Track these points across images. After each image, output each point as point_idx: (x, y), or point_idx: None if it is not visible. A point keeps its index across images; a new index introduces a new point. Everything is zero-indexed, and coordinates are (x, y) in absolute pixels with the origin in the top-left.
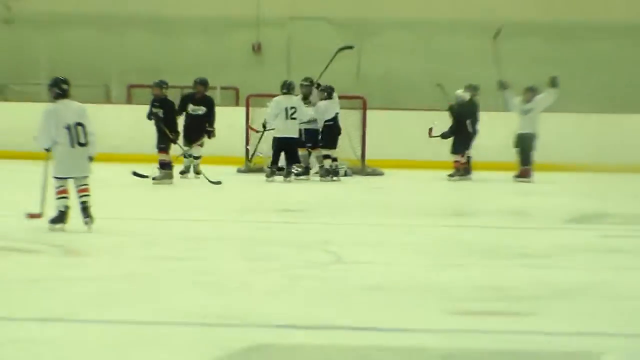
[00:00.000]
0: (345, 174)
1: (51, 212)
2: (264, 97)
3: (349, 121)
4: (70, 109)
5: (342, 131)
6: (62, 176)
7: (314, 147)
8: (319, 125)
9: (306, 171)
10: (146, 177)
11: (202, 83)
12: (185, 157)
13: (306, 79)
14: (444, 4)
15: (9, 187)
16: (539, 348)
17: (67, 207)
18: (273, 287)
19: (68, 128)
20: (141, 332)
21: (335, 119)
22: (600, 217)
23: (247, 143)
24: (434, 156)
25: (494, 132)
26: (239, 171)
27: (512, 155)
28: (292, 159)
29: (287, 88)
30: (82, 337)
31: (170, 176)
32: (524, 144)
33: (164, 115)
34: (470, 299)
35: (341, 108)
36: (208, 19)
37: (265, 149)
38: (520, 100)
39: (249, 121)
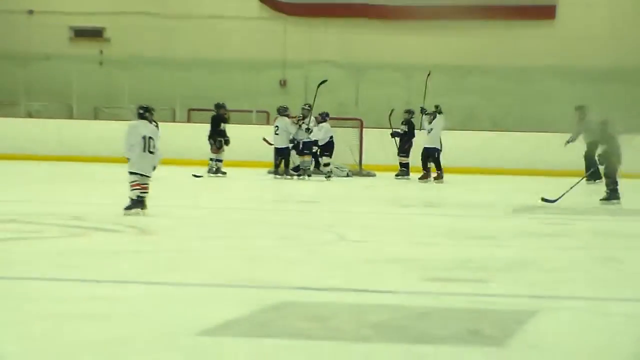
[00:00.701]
0: (347, 175)
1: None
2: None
3: (350, 136)
4: (146, 127)
5: (344, 143)
6: (136, 171)
7: (309, 154)
8: (324, 140)
9: (304, 172)
10: (200, 176)
11: (223, 107)
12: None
13: (307, 104)
14: (420, 52)
15: (104, 183)
16: (491, 307)
17: (139, 197)
18: (294, 259)
19: (143, 138)
20: (193, 291)
21: (332, 136)
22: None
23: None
24: (415, 161)
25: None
26: (269, 172)
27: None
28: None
29: (282, 111)
30: (147, 295)
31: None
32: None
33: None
34: (440, 269)
35: (344, 127)
36: (247, 60)
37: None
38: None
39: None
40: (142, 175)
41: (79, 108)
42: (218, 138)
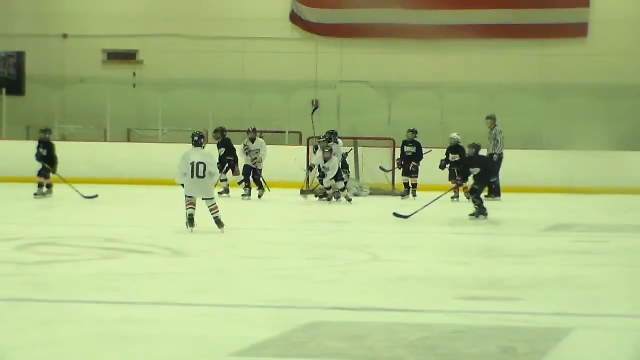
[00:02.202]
0: (370, 194)
1: None
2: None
3: (382, 155)
4: (198, 153)
5: (376, 163)
6: (187, 194)
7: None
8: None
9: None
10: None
11: (220, 131)
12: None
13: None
14: (451, 71)
15: (137, 205)
16: (524, 325)
17: (191, 215)
18: (327, 279)
19: (192, 165)
20: (227, 313)
21: (344, 156)
22: (570, 227)
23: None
24: (442, 181)
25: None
26: (301, 193)
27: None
28: None
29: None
30: (181, 317)
31: None
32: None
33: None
34: (472, 288)
35: (376, 147)
36: (279, 82)
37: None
38: None
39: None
40: (192, 197)
41: (113, 130)
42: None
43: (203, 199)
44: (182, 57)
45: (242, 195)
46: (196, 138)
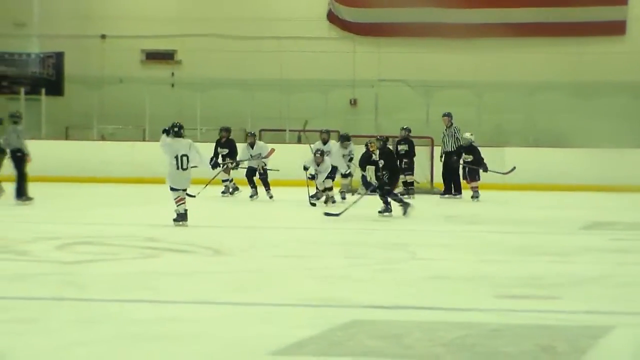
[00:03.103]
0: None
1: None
2: (358, 137)
3: (421, 154)
4: (180, 144)
5: (416, 160)
6: (174, 186)
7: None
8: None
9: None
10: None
11: (226, 130)
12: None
13: (326, 131)
14: (489, 70)
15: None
16: (563, 323)
17: (186, 211)
18: (365, 278)
19: (177, 157)
20: (266, 311)
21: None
22: (607, 225)
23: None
24: (482, 179)
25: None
26: (341, 192)
27: None
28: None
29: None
30: (220, 316)
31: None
32: None
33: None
34: (510, 286)
35: (416, 145)
36: (317, 81)
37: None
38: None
39: None
40: (180, 190)
41: (151, 130)
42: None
43: (183, 190)
44: (220, 57)
45: (250, 196)
46: (176, 129)
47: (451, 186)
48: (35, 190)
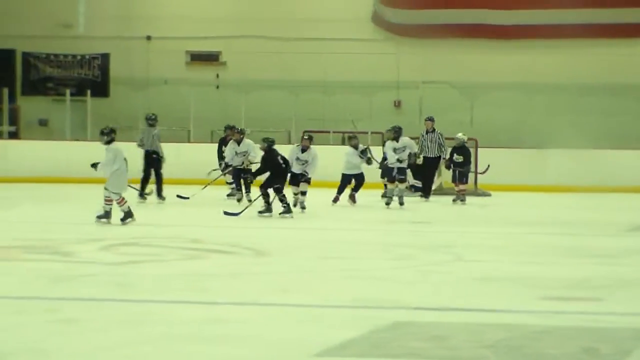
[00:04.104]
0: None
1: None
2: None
3: None
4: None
5: None
6: (118, 191)
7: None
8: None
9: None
10: (187, 198)
11: (231, 128)
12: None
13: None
14: (535, 71)
15: (220, 205)
16: (608, 325)
17: (129, 207)
18: (409, 279)
19: (125, 160)
20: (310, 312)
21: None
22: None
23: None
24: (528, 181)
25: None
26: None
27: None
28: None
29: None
30: (264, 317)
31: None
32: None
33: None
34: (555, 288)
35: None
36: (361, 82)
37: None
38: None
39: None
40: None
41: (196, 131)
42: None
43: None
44: (264, 59)
45: (227, 195)
46: (113, 135)
47: (427, 188)
48: (80, 192)
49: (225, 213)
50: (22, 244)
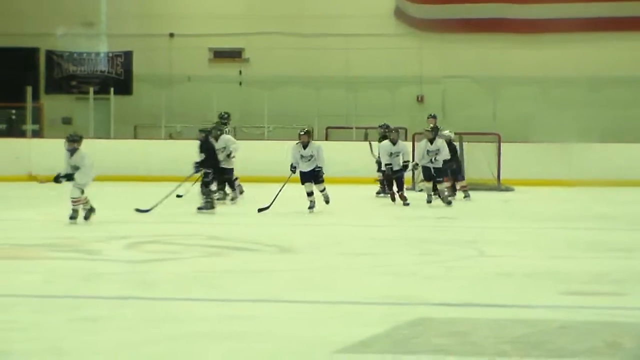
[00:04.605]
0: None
1: None
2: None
3: (488, 151)
4: None
5: (482, 158)
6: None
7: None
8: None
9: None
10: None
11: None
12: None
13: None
14: (556, 65)
15: (242, 203)
16: (630, 320)
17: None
18: (432, 275)
19: None
20: (333, 309)
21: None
22: None
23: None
24: (550, 175)
25: None
26: (407, 189)
27: None
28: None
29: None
30: (286, 314)
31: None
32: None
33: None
34: (577, 282)
35: (481, 142)
36: (384, 78)
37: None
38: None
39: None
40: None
41: None
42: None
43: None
44: (287, 55)
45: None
46: (76, 137)
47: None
48: (104, 189)
49: (137, 210)
50: (46, 242)
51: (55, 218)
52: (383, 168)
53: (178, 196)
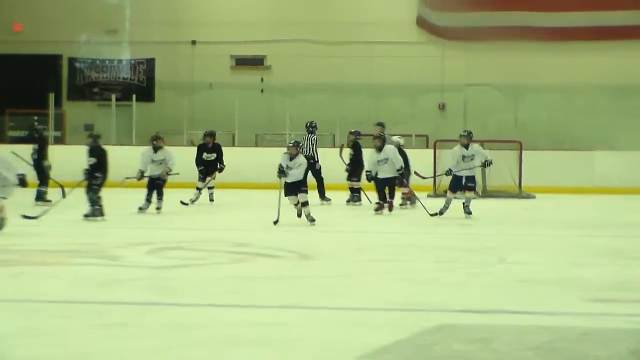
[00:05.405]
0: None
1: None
2: (447, 142)
3: (509, 158)
4: None
5: (504, 165)
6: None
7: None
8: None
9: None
10: (187, 204)
11: (211, 135)
12: (198, 189)
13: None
14: (578, 73)
15: (265, 209)
16: None
17: None
18: (453, 281)
19: None
20: (354, 315)
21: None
22: None
23: (434, 174)
24: (572, 183)
25: None
26: (429, 196)
27: None
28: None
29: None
30: (308, 320)
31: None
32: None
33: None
34: (600, 289)
35: (503, 149)
36: (406, 85)
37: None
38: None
39: (435, 161)
40: None
41: (241, 135)
42: (199, 167)
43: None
44: (308, 62)
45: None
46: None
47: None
48: (125, 196)
49: (24, 216)
50: (69, 247)
51: (77, 224)
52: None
53: (183, 203)
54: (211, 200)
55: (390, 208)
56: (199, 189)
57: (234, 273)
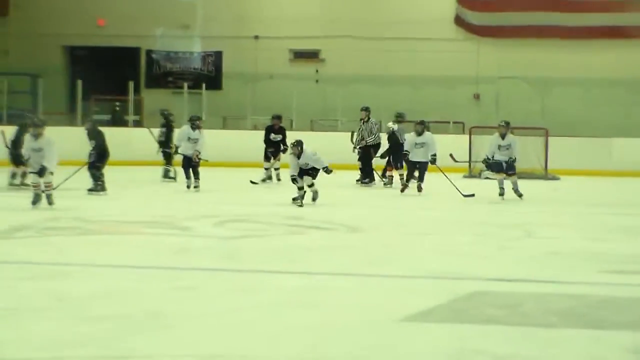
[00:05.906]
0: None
1: None
2: (482, 128)
3: (536, 143)
4: None
5: (532, 150)
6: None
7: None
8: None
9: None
10: (257, 183)
11: (278, 117)
12: (266, 169)
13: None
14: (599, 68)
15: (319, 187)
16: None
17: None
18: (486, 254)
19: None
20: (397, 282)
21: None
22: None
23: (470, 159)
24: (592, 166)
25: None
26: (464, 177)
27: None
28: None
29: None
30: (354, 286)
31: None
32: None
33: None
34: (615, 262)
35: (531, 135)
36: (444, 77)
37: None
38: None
39: (471, 146)
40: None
41: (298, 121)
42: (268, 149)
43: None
44: (358, 56)
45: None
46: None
47: (369, 174)
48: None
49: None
50: (145, 219)
51: (152, 198)
52: (412, 158)
53: (253, 182)
54: (279, 179)
55: (419, 189)
56: (266, 169)
57: (290, 243)
